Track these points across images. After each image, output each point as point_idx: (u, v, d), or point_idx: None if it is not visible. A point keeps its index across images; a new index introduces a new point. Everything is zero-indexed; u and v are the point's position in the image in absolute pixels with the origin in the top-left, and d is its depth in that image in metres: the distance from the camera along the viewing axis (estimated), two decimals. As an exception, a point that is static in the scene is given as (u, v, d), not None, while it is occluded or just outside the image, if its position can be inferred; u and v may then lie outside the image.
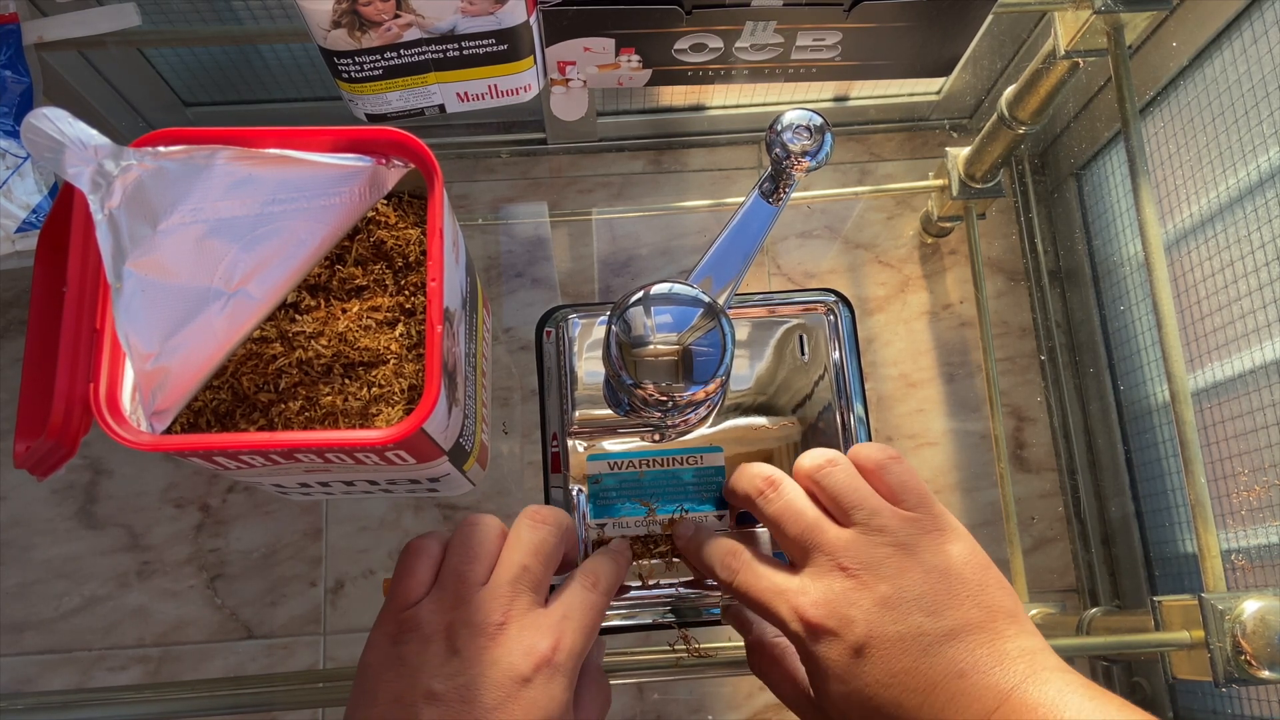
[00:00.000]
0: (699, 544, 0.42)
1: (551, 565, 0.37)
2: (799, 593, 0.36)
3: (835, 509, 0.38)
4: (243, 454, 0.34)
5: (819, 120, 0.43)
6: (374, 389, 0.35)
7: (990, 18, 0.53)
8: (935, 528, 0.36)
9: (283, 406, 0.34)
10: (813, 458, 0.39)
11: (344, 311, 0.38)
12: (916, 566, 0.35)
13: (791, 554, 0.38)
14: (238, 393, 0.38)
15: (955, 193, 0.77)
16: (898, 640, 0.33)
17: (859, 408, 0.51)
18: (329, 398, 0.34)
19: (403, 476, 0.41)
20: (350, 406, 0.35)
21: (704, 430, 0.49)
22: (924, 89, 0.85)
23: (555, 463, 0.48)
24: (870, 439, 0.50)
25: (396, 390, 0.36)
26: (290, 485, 0.41)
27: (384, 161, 0.37)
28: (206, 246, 0.34)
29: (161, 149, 0.34)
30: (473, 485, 0.46)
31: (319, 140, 0.36)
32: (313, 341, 0.36)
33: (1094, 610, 0.64)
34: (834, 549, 0.36)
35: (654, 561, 0.47)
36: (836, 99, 0.86)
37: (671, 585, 0.47)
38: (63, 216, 0.34)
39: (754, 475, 0.40)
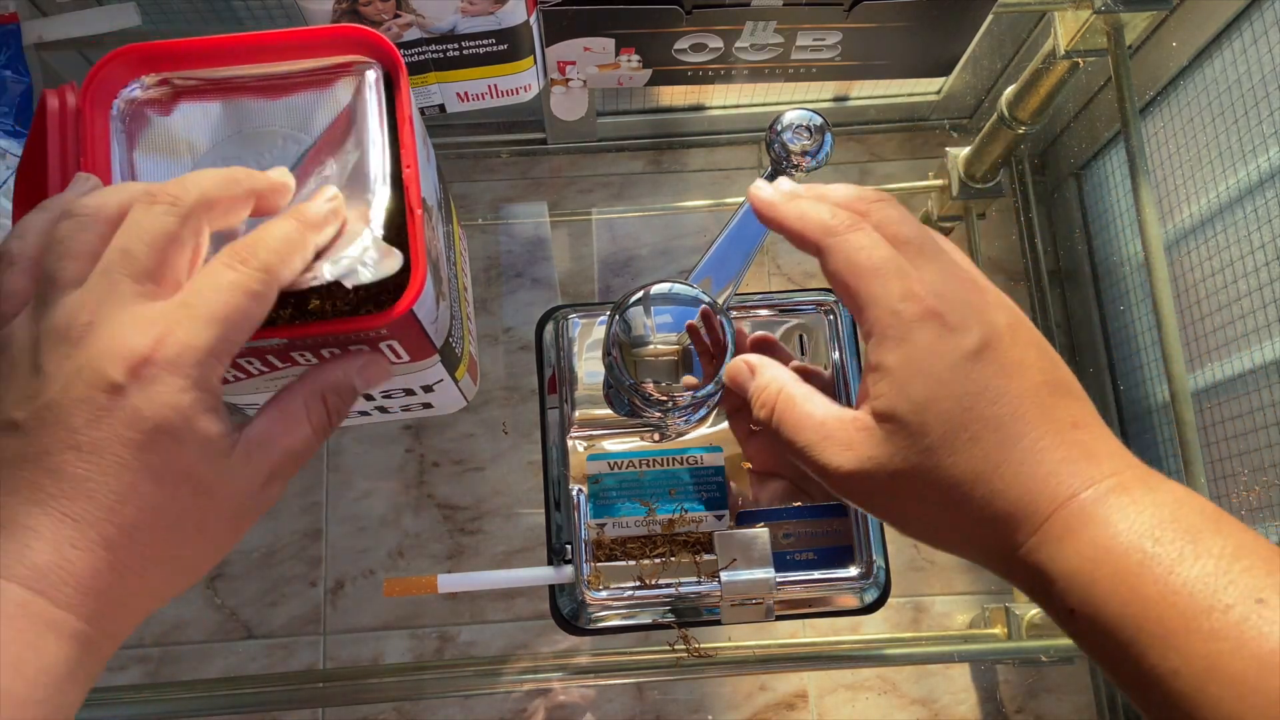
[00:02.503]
0: (801, 206, 0.33)
1: (170, 250, 0.28)
2: (919, 278, 0.29)
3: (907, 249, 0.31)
4: (239, 357, 0.34)
5: (819, 120, 0.43)
6: (360, 290, 0.35)
7: (990, 18, 0.53)
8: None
9: (273, 315, 0.34)
10: (850, 194, 0.33)
11: None
12: (1027, 323, 0.31)
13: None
14: None
15: (955, 193, 0.77)
16: (1018, 364, 0.28)
17: (859, 408, 0.51)
18: (316, 302, 0.34)
19: (397, 387, 0.40)
20: (339, 309, 0.34)
21: (704, 430, 0.49)
22: (924, 89, 0.85)
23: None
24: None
25: (383, 291, 0.36)
26: None
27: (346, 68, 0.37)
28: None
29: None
30: (466, 401, 0.46)
31: (279, 43, 0.36)
32: None
33: (1094, 610, 0.64)
34: (957, 259, 0.31)
35: (654, 561, 0.47)
36: (836, 99, 0.86)
37: (671, 585, 0.46)
38: (38, 151, 0.34)
39: (833, 209, 0.32)
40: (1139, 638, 0.25)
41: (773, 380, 0.34)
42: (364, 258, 0.32)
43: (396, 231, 0.34)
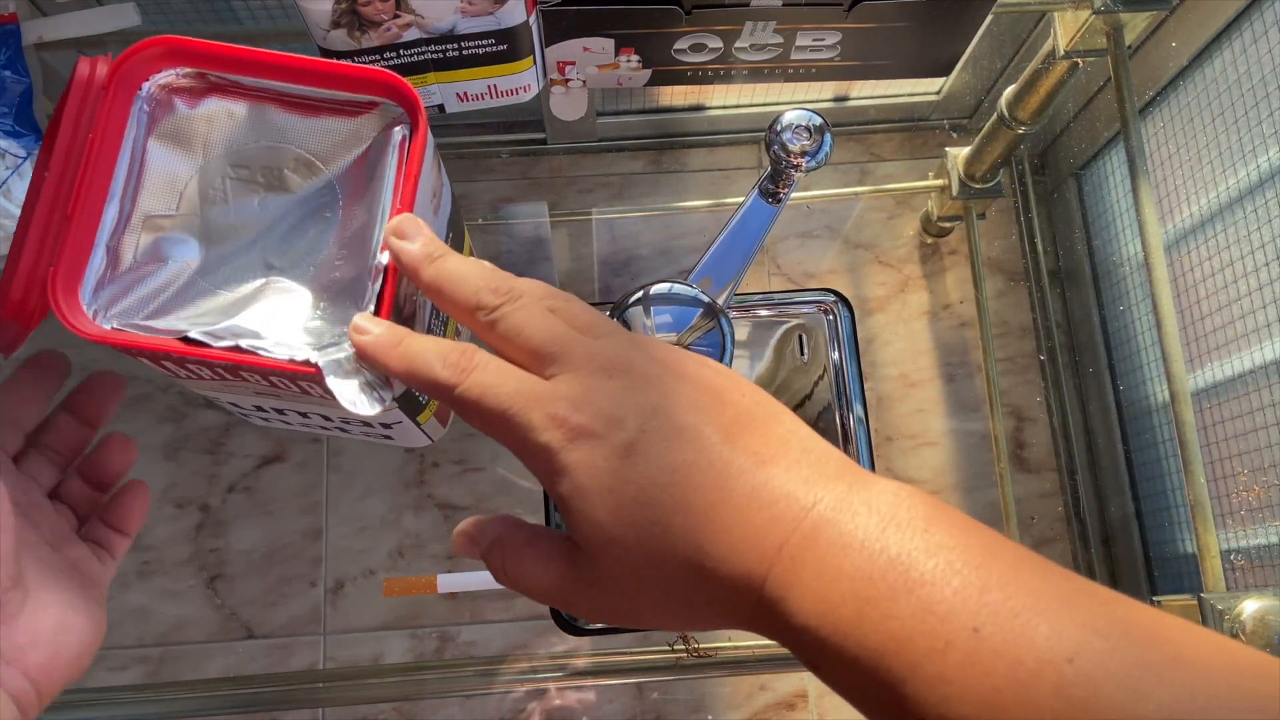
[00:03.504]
0: (409, 351, 0.30)
1: None
2: (555, 397, 0.28)
3: (573, 320, 0.30)
4: (189, 361, 0.34)
5: (819, 120, 0.43)
6: None
7: (990, 18, 0.53)
8: (674, 350, 0.31)
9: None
10: (469, 300, 0.30)
11: None
12: (681, 366, 0.29)
13: (531, 367, 0.29)
14: None
15: (955, 193, 0.77)
16: (677, 434, 0.27)
17: (858, 408, 0.51)
18: None
19: (352, 420, 0.40)
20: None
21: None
22: (924, 89, 0.85)
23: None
24: (870, 439, 0.50)
25: None
26: (247, 408, 0.41)
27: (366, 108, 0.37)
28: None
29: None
30: (430, 440, 0.46)
31: (316, 70, 0.36)
32: None
33: (1094, 610, 0.64)
34: (591, 351, 0.29)
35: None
36: (836, 99, 0.86)
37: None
38: (56, 116, 0.35)
39: (479, 280, 0.30)
40: (876, 690, 0.23)
41: (491, 548, 0.32)
42: (352, 370, 0.32)
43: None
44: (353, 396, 0.32)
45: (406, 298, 0.36)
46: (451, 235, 0.43)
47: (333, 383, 0.32)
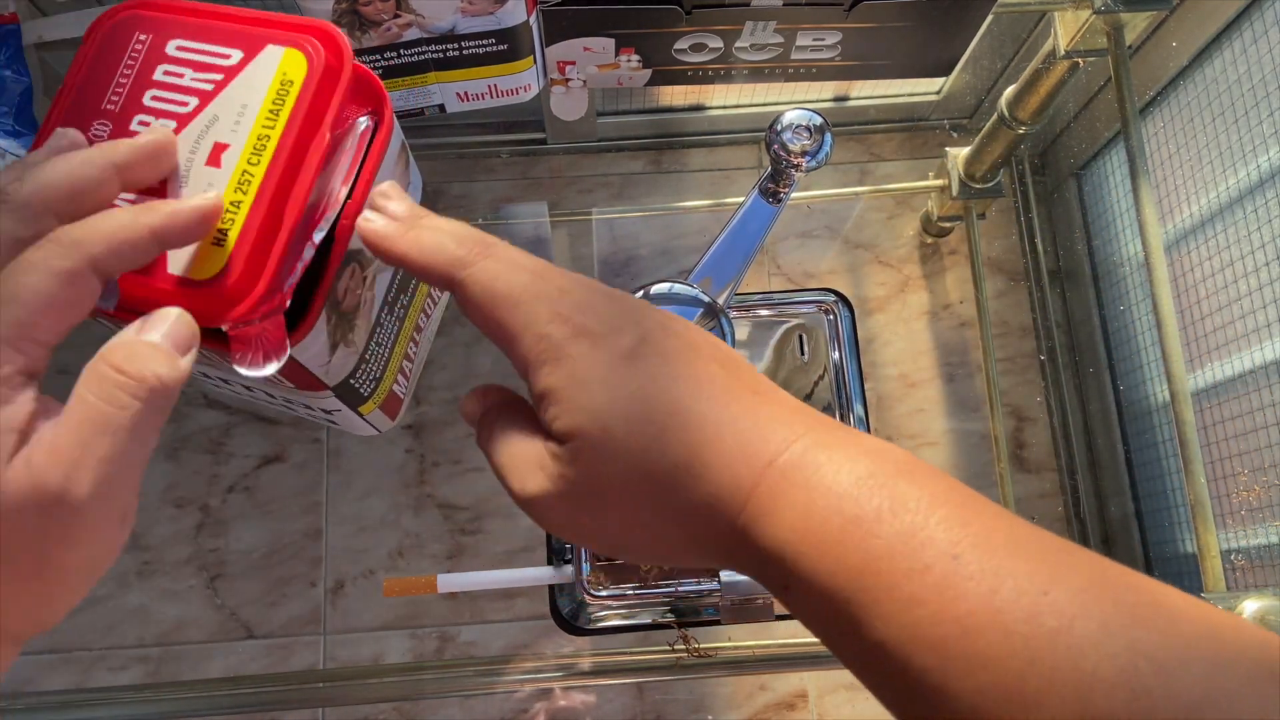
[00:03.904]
0: (420, 235, 0.30)
1: None
2: (561, 297, 0.28)
3: None
4: (101, 319, 0.34)
5: (819, 120, 0.43)
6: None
7: (990, 18, 0.53)
8: None
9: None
10: (467, 228, 0.31)
11: None
12: (673, 324, 0.30)
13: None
14: None
15: (955, 193, 0.77)
16: (677, 352, 0.28)
17: (859, 408, 0.51)
18: None
19: (294, 398, 0.40)
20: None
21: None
22: (924, 89, 0.85)
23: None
24: (870, 439, 0.50)
25: None
26: (196, 370, 0.41)
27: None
28: None
29: None
30: (377, 431, 0.46)
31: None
32: None
33: (1094, 610, 0.64)
34: (592, 282, 0.30)
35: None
36: (836, 99, 0.86)
37: (671, 585, 0.46)
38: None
39: (458, 237, 0.30)
40: (849, 610, 0.24)
41: (487, 410, 0.32)
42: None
43: (312, 273, 0.33)
44: (246, 359, 0.32)
45: (347, 290, 0.36)
46: None
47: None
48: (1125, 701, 0.20)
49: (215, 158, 0.30)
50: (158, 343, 0.27)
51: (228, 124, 0.31)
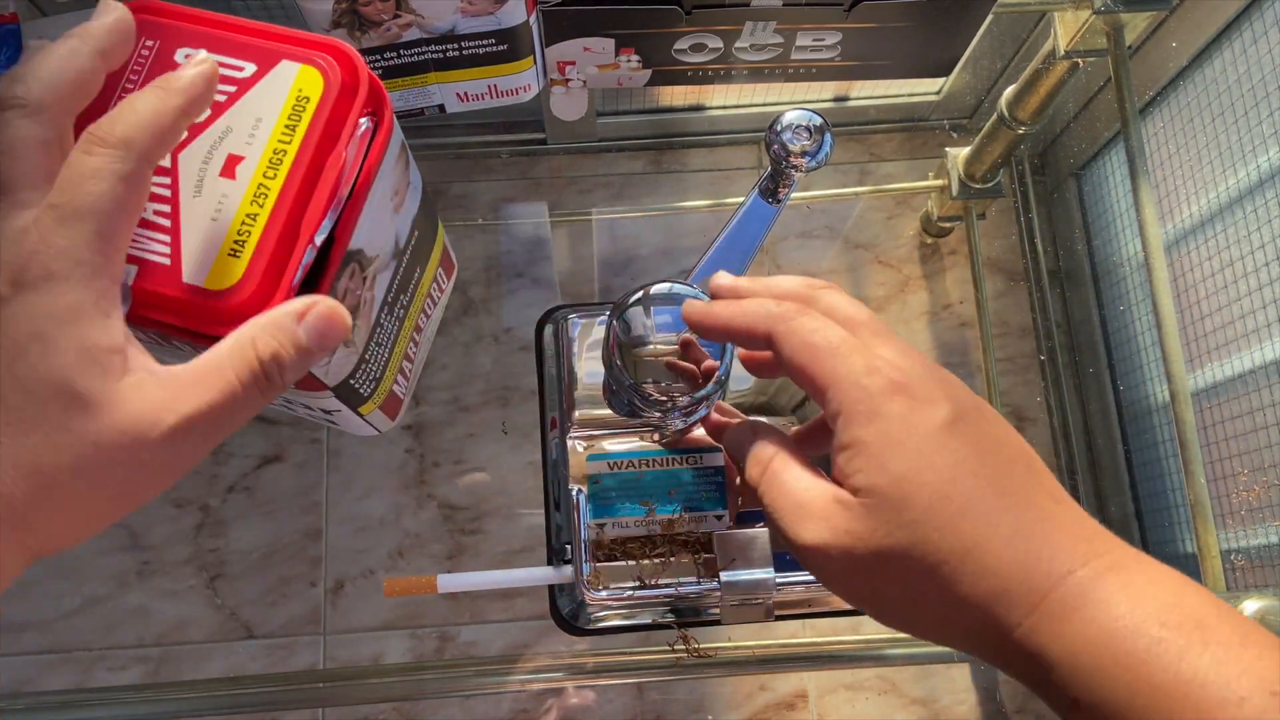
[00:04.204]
0: (745, 306, 0.32)
1: (34, 155, 0.25)
2: (877, 353, 0.29)
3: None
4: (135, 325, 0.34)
5: (819, 120, 0.43)
6: None
7: (990, 18, 0.53)
8: None
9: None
10: (796, 284, 0.33)
11: None
12: (979, 398, 0.30)
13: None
14: None
15: (955, 193, 0.77)
16: (991, 436, 0.28)
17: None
18: None
19: (294, 397, 0.41)
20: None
21: (704, 430, 0.49)
22: (924, 89, 0.85)
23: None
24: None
25: None
26: None
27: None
28: None
29: None
30: (377, 431, 0.46)
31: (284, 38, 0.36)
32: None
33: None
34: (905, 345, 0.30)
35: (654, 561, 0.47)
36: (836, 99, 0.86)
37: (671, 585, 0.46)
38: None
39: (778, 293, 0.32)
40: None
41: (768, 446, 0.33)
42: None
43: (312, 273, 0.34)
44: None
45: (347, 290, 0.36)
46: (418, 234, 0.43)
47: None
48: None
49: (230, 169, 0.30)
50: (310, 347, 0.28)
51: (242, 136, 0.31)
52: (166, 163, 0.30)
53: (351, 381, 0.41)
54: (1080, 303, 0.84)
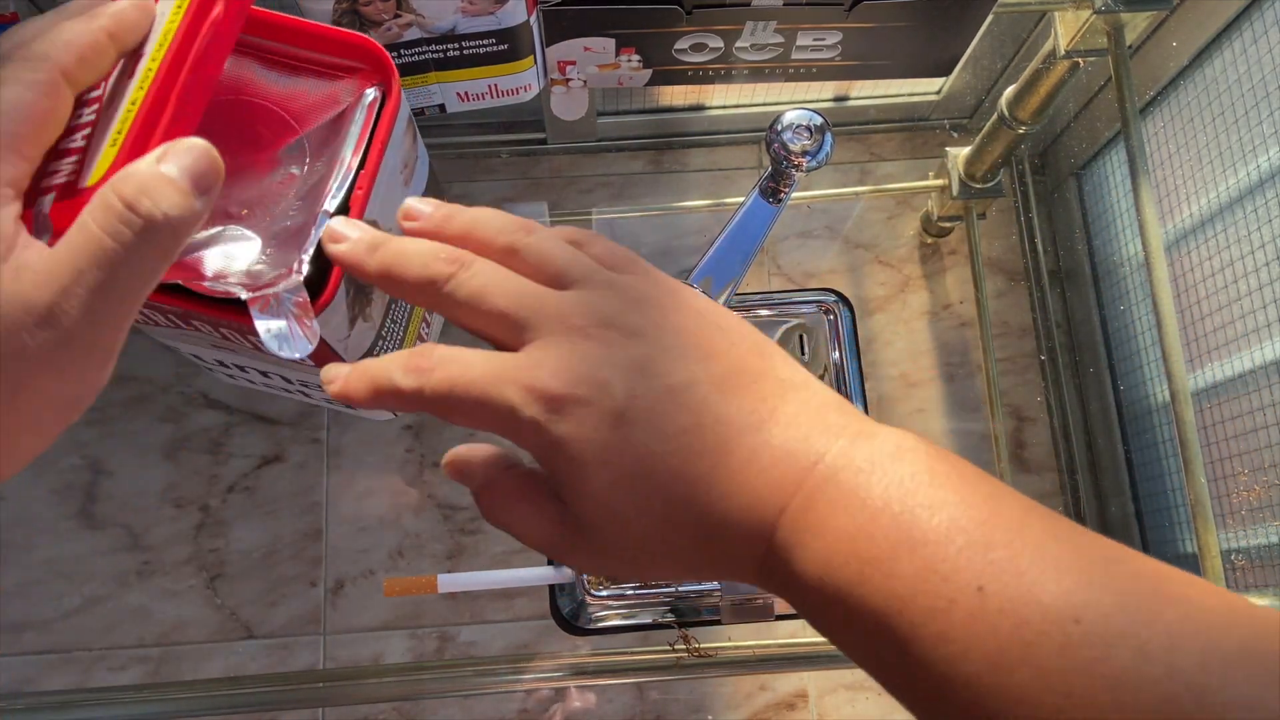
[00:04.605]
0: (365, 371, 0.28)
1: None
2: (531, 367, 0.26)
3: (545, 276, 0.28)
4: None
5: (819, 120, 0.43)
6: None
7: (990, 18, 0.53)
8: (670, 287, 0.28)
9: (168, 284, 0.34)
10: (497, 225, 0.29)
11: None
12: (666, 317, 0.27)
13: (503, 337, 0.28)
14: None
15: (955, 193, 0.77)
16: (669, 394, 0.25)
17: (859, 407, 0.51)
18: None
19: (311, 379, 0.41)
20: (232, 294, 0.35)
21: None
22: (924, 89, 0.85)
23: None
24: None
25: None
26: (209, 360, 0.41)
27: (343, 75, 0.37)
28: None
29: None
30: (393, 415, 0.46)
31: (295, 28, 0.36)
32: None
33: (1094, 610, 0.64)
34: (563, 311, 0.27)
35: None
36: (836, 99, 0.86)
37: (671, 585, 0.46)
38: None
39: (430, 254, 0.28)
40: (881, 642, 0.24)
41: (493, 479, 0.31)
42: (285, 302, 0.32)
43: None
44: (276, 336, 0.32)
45: None
46: None
47: (258, 320, 0.31)
48: None
49: (132, 70, 0.29)
50: (174, 177, 0.26)
51: (153, 38, 0.30)
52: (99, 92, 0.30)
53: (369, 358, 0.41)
54: (1080, 303, 0.84)
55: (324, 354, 0.37)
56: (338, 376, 0.29)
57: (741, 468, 0.25)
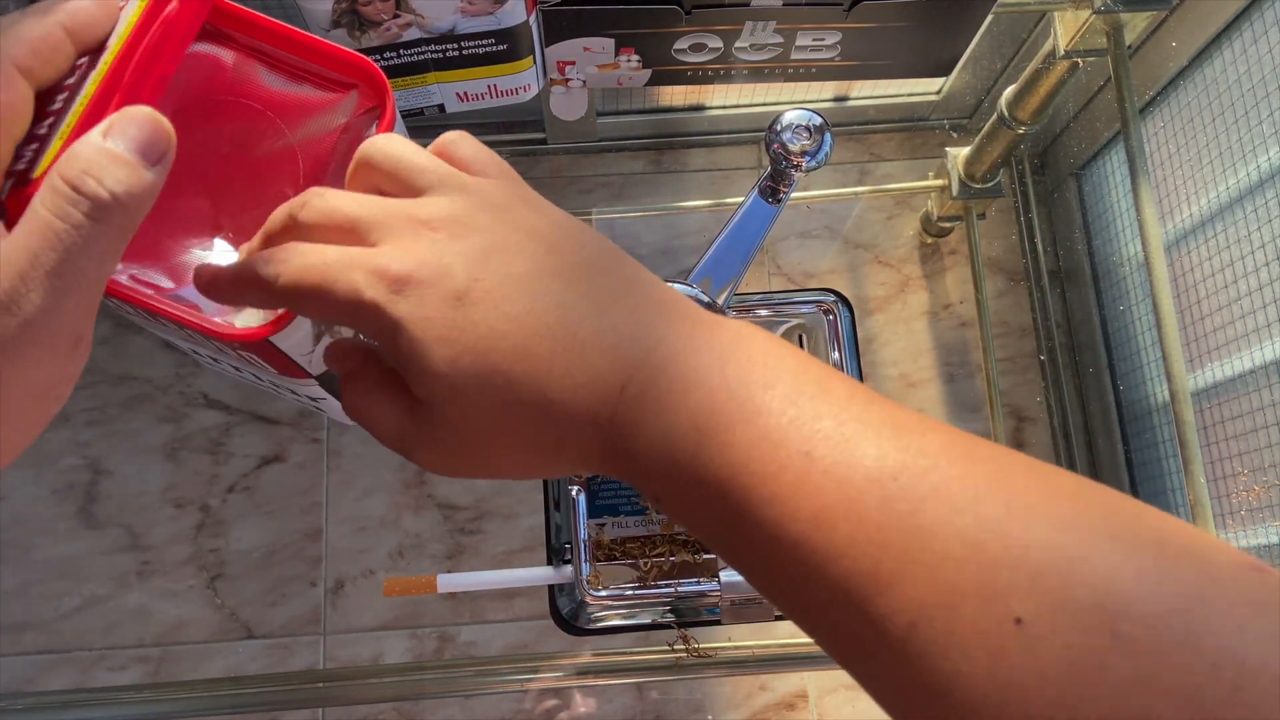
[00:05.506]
0: (240, 273, 0.29)
1: None
2: (376, 255, 0.26)
3: (400, 187, 0.29)
4: (109, 297, 0.34)
5: (819, 120, 0.43)
6: None
7: (990, 18, 0.53)
8: (526, 194, 0.29)
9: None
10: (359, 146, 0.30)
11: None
12: (518, 216, 0.28)
13: (357, 244, 0.28)
14: None
15: (955, 193, 0.77)
16: (512, 280, 0.26)
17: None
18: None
19: (280, 382, 0.41)
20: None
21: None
22: (924, 89, 0.85)
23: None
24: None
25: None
26: (184, 348, 0.41)
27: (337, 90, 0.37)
28: None
29: None
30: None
31: (301, 41, 0.36)
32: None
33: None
34: (410, 210, 0.27)
35: (654, 561, 0.47)
36: (836, 99, 0.86)
37: (671, 585, 0.47)
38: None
39: (285, 207, 0.29)
40: (715, 515, 0.25)
41: (355, 369, 0.31)
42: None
43: None
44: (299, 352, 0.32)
45: None
46: None
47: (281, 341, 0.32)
48: (974, 574, 0.20)
49: (96, 65, 0.29)
50: (119, 151, 0.25)
51: (114, 36, 0.29)
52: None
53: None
54: (1080, 303, 0.84)
55: (287, 366, 0.38)
56: (207, 271, 0.30)
57: (583, 349, 0.26)
